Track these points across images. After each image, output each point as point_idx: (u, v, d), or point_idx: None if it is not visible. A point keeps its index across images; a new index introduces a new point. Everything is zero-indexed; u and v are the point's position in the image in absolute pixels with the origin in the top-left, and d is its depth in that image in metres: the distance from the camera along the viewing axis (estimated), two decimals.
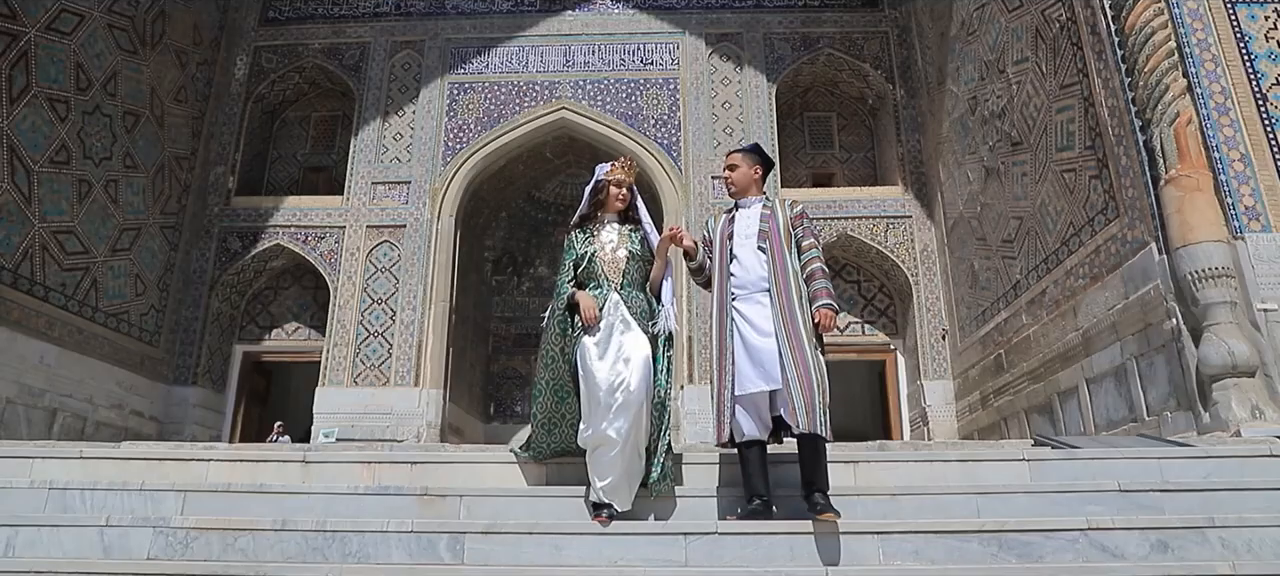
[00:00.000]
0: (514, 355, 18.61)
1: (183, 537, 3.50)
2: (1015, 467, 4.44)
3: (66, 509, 3.89)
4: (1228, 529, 3.44)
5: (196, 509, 3.89)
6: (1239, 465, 4.39)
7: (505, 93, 15.94)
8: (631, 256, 4.13)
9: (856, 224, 14.87)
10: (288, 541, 3.52)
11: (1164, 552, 3.32)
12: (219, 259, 15.28)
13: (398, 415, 14.10)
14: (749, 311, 3.99)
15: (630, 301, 3.97)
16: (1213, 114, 7.82)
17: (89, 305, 12.72)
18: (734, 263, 4.13)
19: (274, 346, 16.11)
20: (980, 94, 12.11)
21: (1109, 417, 8.82)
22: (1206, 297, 7.29)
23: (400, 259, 15.03)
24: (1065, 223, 9.74)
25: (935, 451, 4.84)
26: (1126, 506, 3.80)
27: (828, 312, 3.95)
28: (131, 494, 3.95)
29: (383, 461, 4.58)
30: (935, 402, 13.79)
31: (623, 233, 4.22)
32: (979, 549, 3.43)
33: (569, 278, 4.13)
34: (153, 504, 3.89)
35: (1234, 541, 3.40)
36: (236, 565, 3.29)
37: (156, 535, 3.50)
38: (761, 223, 4.19)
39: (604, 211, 4.27)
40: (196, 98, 15.50)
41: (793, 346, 3.79)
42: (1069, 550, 3.34)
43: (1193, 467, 4.42)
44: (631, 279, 4.07)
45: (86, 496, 3.92)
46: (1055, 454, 4.64)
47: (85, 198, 12.61)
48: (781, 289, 3.94)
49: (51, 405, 11.94)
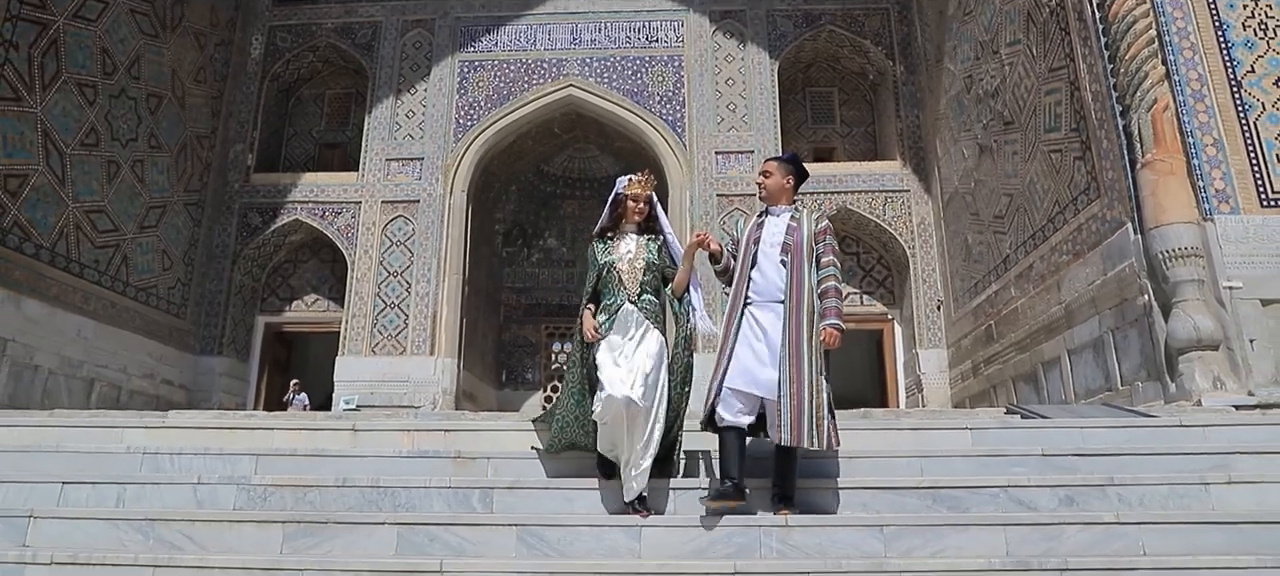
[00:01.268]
0: (524, 324, 19.23)
1: (262, 492, 4.15)
2: (959, 436, 5.05)
3: (159, 469, 4.55)
4: (1125, 486, 4.10)
5: (268, 469, 4.56)
6: (1149, 433, 5.07)
7: (514, 70, 16.37)
8: (649, 266, 4.30)
9: (856, 198, 15.33)
10: (347, 495, 4.16)
11: (1069, 505, 4.00)
12: (240, 234, 15.86)
13: (414, 383, 14.75)
14: (762, 317, 4.13)
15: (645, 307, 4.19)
16: (1189, 100, 8.25)
17: (120, 280, 13.32)
18: (755, 269, 4.25)
19: (294, 317, 16.75)
20: (975, 73, 12.52)
21: (1087, 386, 9.38)
22: (1176, 276, 7.80)
23: (414, 233, 15.58)
24: (1051, 201, 10.22)
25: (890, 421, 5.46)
26: (1046, 468, 4.43)
27: (833, 332, 4.08)
28: (212, 457, 4.61)
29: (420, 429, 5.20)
30: (930, 370, 14.36)
31: (641, 243, 4.38)
32: (916, 502, 4.10)
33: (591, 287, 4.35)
34: (231, 465, 4.54)
35: (1129, 496, 4.06)
36: (308, 514, 3.92)
37: (240, 491, 4.15)
38: (786, 235, 4.25)
39: (624, 223, 4.43)
40: (215, 78, 15.97)
41: (793, 363, 3.93)
42: (991, 503, 4.02)
43: (1110, 435, 5.06)
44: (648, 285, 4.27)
45: (175, 459, 4.57)
46: (994, 423, 5.25)
47: (114, 178, 13.16)
48: (794, 304, 4.06)
49: (89, 375, 12.60)
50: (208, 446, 4.83)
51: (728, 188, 15.36)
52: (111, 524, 3.81)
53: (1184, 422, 5.08)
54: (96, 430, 5.23)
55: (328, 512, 3.96)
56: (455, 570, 3.50)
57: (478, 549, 3.84)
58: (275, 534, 3.80)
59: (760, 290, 4.19)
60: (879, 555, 3.72)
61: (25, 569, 3.41)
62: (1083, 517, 3.75)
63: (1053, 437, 4.77)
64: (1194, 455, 4.56)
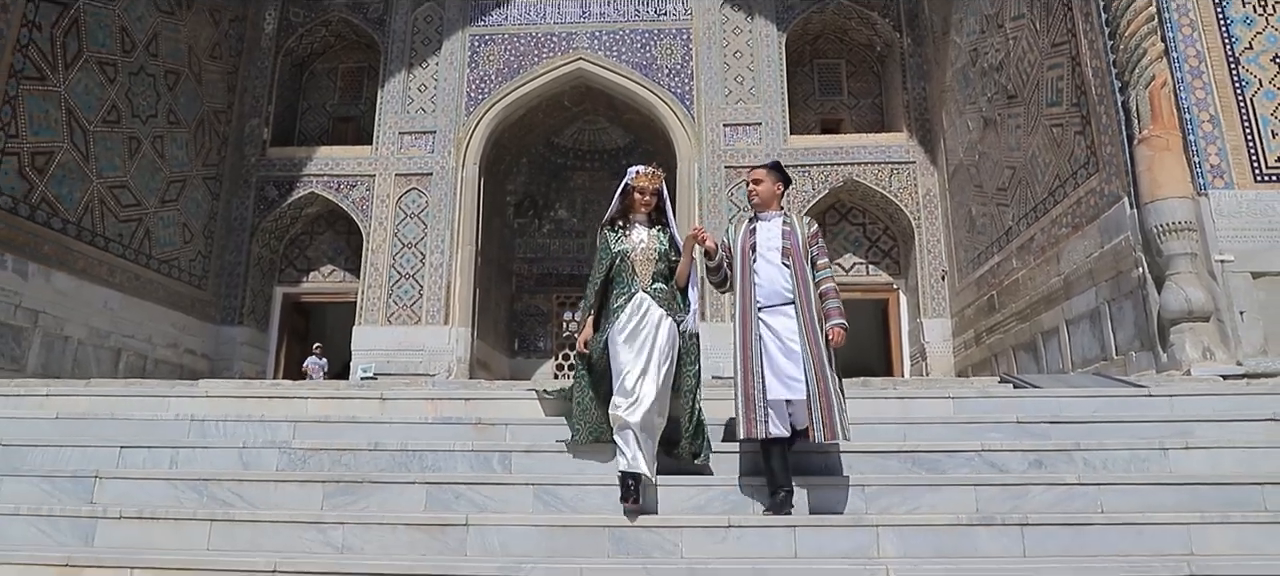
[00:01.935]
0: (536, 293, 19.60)
1: (301, 456, 4.52)
2: (941, 404, 5.36)
3: (206, 435, 4.93)
4: (1090, 451, 4.43)
5: (305, 435, 4.93)
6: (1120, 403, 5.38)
7: (524, 44, 16.54)
8: (660, 255, 4.47)
9: (862, 170, 15.51)
10: (380, 458, 4.53)
11: (1038, 468, 4.32)
12: (258, 207, 16.22)
13: (429, 351, 15.16)
14: (775, 323, 4.22)
15: (656, 295, 4.35)
16: (1187, 77, 8.42)
17: (144, 253, 13.71)
18: (756, 275, 4.34)
19: (311, 288, 17.16)
20: (981, 46, 12.65)
21: (1084, 356, 9.65)
22: (1169, 249, 8.03)
23: (428, 205, 15.89)
24: (1052, 174, 10.42)
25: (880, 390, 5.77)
26: (1020, 434, 4.76)
27: (840, 331, 4.21)
28: (253, 424, 4.98)
29: (443, 398, 5.56)
30: (933, 339, 14.65)
31: (652, 233, 4.53)
32: (898, 464, 4.45)
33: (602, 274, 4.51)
34: (271, 431, 4.92)
35: (1094, 460, 4.39)
36: (345, 475, 4.31)
37: (281, 454, 4.53)
38: (783, 239, 4.37)
39: (633, 213, 4.58)
40: (230, 53, 16.22)
41: (816, 362, 4.07)
42: (966, 466, 4.35)
43: (1083, 404, 5.37)
44: (659, 273, 4.44)
45: (220, 425, 4.95)
46: (974, 392, 5.57)
47: (135, 153, 13.49)
48: (805, 305, 4.19)
49: (116, 345, 13.04)
50: (249, 414, 5.21)
51: (735, 160, 15.57)
52: (169, 483, 4.20)
53: (1152, 393, 5.38)
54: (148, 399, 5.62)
55: (362, 473, 4.33)
56: (479, 523, 3.85)
57: (499, 505, 4.21)
58: (316, 492, 4.17)
59: (767, 294, 4.29)
60: (860, 511, 4.07)
61: (98, 522, 3.79)
62: (1048, 479, 4.09)
63: (1027, 406, 5.09)
64: (1158, 423, 4.88)
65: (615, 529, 3.85)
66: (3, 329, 10.87)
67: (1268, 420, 4.86)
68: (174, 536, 3.79)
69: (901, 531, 3.74)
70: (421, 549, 3.78)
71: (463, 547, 3.79)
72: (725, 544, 3.75)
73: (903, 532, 3.73)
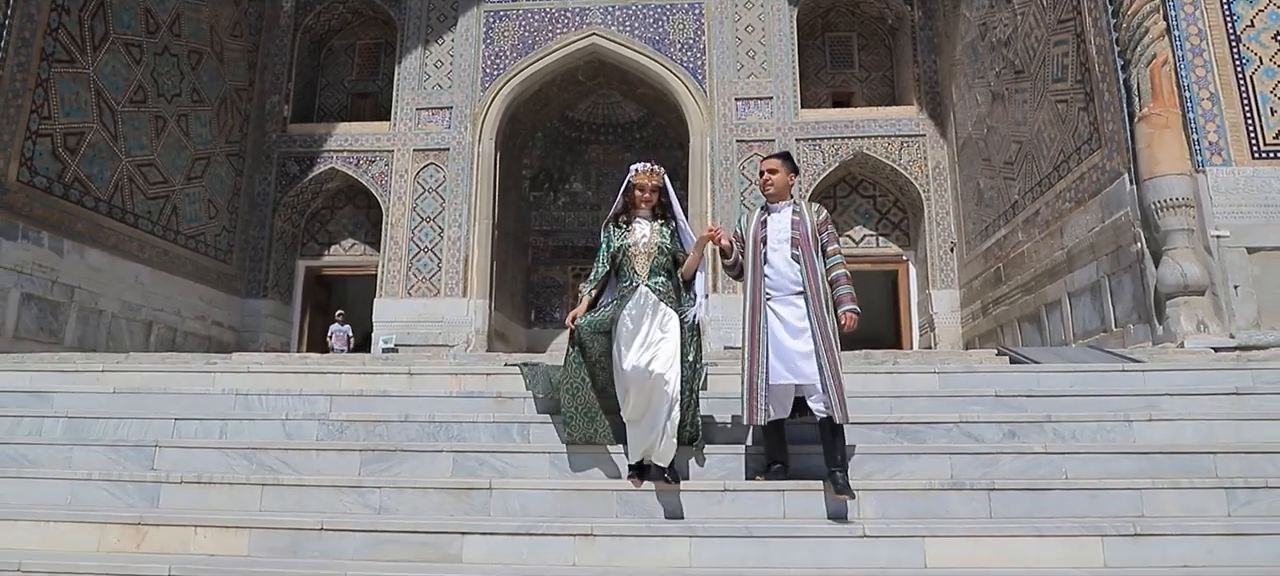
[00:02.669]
0: (552, 265, 19.99)
1: (339, 427, 4.93)
2: (928, 379, 5.70)
3: (250, 408, 5.36)
4: (1061, 423, 4.72)
5: (341, 408, 5.34)
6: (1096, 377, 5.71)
7: (538, 20, 16.74)
8: (661, 249, 4.55)
9: (873, 143, 15.69)
10: (410, 429, 4.93)
11: (1011, 438, 4.64)
12: (279, 182, 16.63)
13: (448, 323, 15.60)
14: (783, 311, 4.32)
15: (657, 288, 4.45)
16: (1187, 55, 8.58)
17: (171, 229, 14.17)
18: (767, 265, 4.44)
19: (333, 261, 17.63)
20: (990, 21, 12.75)
21: (1085, 327, 9.91)
22: (1167, 225, 8.26)
23: (445, 180, 16.24)
24: (1057, 149, 10.60)
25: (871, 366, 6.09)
26: (997, 407, 5.10)
27: (852, 316, 4.33)
28: (293, 398, 5.41)
29: (466, 373, 5.97)
30: (942, 310, 14.91)
31: (654, 227, 4.62)
32: (882, 434, 4.74)
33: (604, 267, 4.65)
34: (309, 404, 5.34)
35: (1063, 431, 4.70)
36: (380, 444, 4.73)
37: (321, 425, 4.94)
38: (793, 230, 4.46)
39: (635, 209, 4.68)
40: (250, 31, 16.53)
41: (826, 347, 4.19)
42: (945, 436, 4.66)
43: (1060, 379, 5.73)
44: (660, 267, 4.52)
45: (263, 399, 5.39)
46: (960, 368, 5.89)
47: (161, 132, 13.89)
48: (814, 294, 4.29)
49: (147, 318, 13.54)
50: (288, 388, 5.64)
51: (747, 133, 15.78)
52: (221, 452, 4.61)
53: (1125, 368, 5.69)
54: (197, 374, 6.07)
55: (395, 442, 4.72)
56: (501, 487, 4.23)
57: (518, 471, 4.58)
58: (354, 460, 4.56)
59: (776, 284, 4.39)
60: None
61: (162, 486, 4.20)
62: (1018, 448, 4.43)
63: (1007, 381, 5.43)
64: (1127, 397, 5.21)
65: (622, 493, 4.22)
66: (42, 304, 11.38)
67: (1230, 393, 5.18)
68: (230, 498, 4.20)
69: (880, 495, 4.07)
70: (449, 509, 4.16)
71: (486, 508, 4.17)
72: (721, 505, 4.11)
73: (881, 496, 4.06)
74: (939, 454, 4.42)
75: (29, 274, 11.14)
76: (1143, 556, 3.51)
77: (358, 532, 3.81)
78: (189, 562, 3.51)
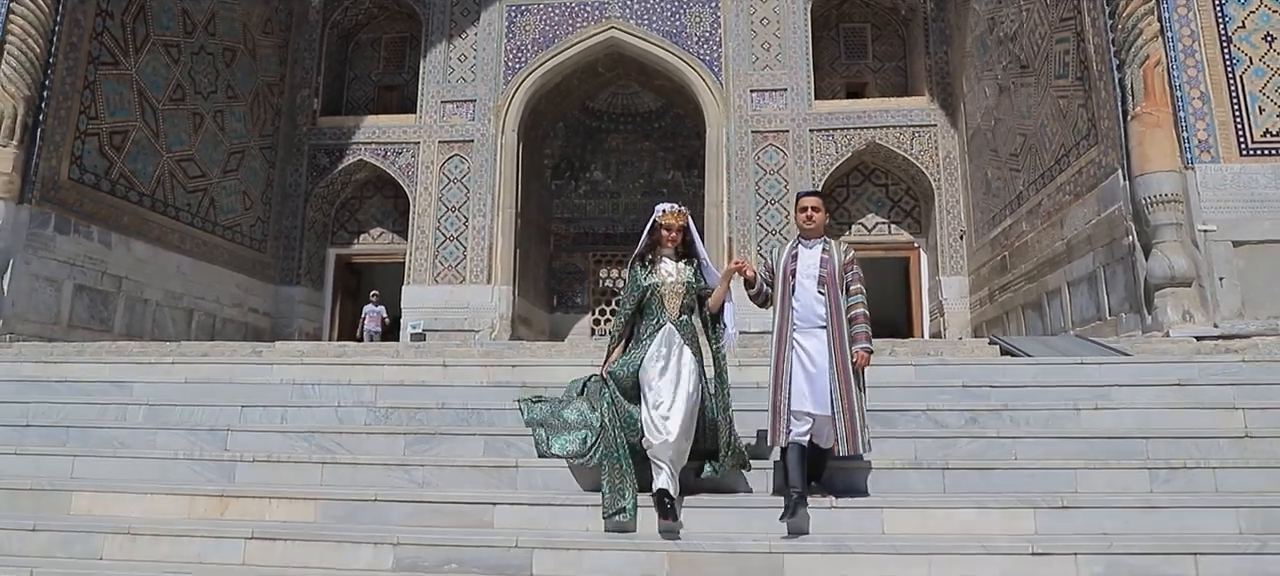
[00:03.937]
0: (573, 252, 20.58)
1: (384, 413, 5.58)
2: (904, 370, 6.19)
3: (305, 396, 6.03)
4: (1018, 410, 5.29)
5: (384, 396, 5.99)
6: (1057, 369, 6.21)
7: (559, 14, 17.22)
8: (687, 288, 4.71)
9: (885, 133, 16.06)
10: (447, 414, 5.55)
11: (972, 424, 5.20)
12: (310, 174, 17.32)
13: (474, 309, 16.26)
14: (807, 344, 4.52)
15: (682, 329, 4.62)
16: (1180, 55, 8.94)
17: (210, 220, 14.90)
18: (795, 298, 4.61)
19: (362, 249, 18.34)
20: (997, 16, 13.08)
21: (1082, 316, 10.34)
22: (1157, 219, 8.67)
23: (470, 171, 16.85)
24: (1058, 143, 10.98)
25: None
26: (962, 396, 5.63)
27: (864, 354, 4.50)
28: (342, 387, 6.08)
29: (494, 364, 6.61)
30: (951, 296, 15.33)
31: (679, 267, 4.75)
32: None
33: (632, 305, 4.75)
34: (357, 393, 5.99)
35: (1018, 418, 5.24)
36: (421, 428, 5.38)
37: (368, 412, 5.60)
38: (821, 267, 4.61)
39: (661, 248, 4.79)
40: (280, 28, 17.16)
41: (842, 382, 4.41)
42: (913, 422, 5.26)
43: (1023, 370, 6.25)
44: (686, 306, 4.70)
45: (316, 388, 6.06)
46: (932, 360, 6.39)
47: (199, 128, 14.57)
48: (836, 329, 4.49)
49: (189, 306, 14.29)
50: (337, 378, 6.32)
51: (762, 125, 16.21)
52: (284, 435, 5.26)
53: (1084, 361, 6.22)
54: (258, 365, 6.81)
55: (433, 427, 5.35)
56: (527, 466, 4.82)
57: None
58: (399, 442, 5.17)
59: (803, 316, 4.58)
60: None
61: (236, 465, 4.84)
62: (975, 433, 4.98)
63: (973, 372, 5.94)
64: (1079, 387, 5.71)
65: None
66: (93, 294, 12.13)
67: (1173, 385, 5.67)
68: (295, 475, 4.82)
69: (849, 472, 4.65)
70: (482, 484, 4.76)
71: (514, 484, 4.76)
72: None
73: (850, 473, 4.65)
74: (905, 438, 5.00)
75: (80, 266, 11.86)
76: (1069, 525, 4.05)
77: (405, 503, 4.46)
78: (267, 527, 4.17)
